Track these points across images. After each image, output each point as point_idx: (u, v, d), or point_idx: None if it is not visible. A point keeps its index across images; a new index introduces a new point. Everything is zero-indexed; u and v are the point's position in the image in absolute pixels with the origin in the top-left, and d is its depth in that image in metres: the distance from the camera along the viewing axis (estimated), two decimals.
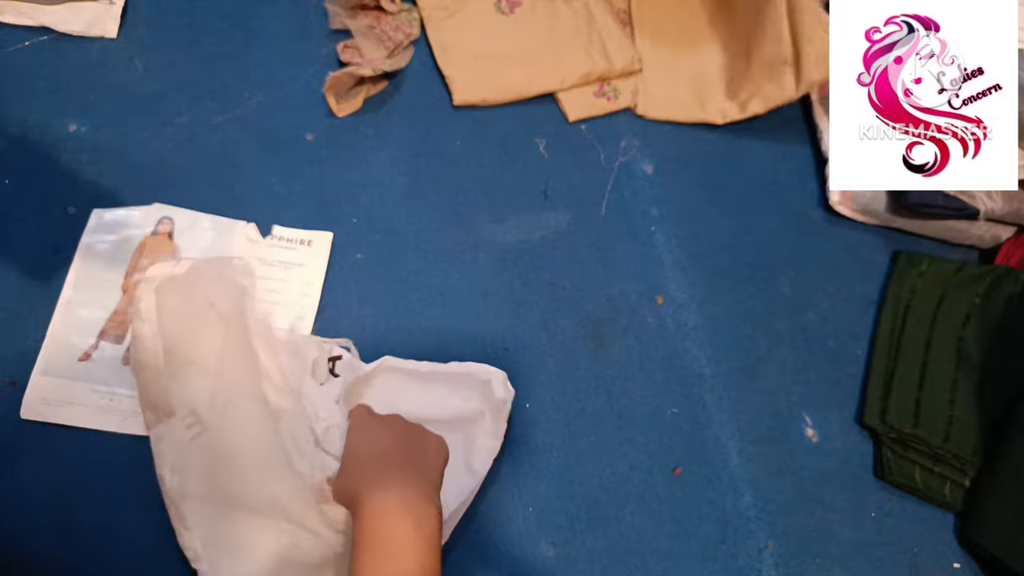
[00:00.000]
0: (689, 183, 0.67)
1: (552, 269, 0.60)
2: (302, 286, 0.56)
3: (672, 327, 0.60)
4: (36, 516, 0.46)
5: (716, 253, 0.64)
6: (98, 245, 0.54)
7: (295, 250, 0.57)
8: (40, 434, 0.48)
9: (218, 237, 0.56)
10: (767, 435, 0.57)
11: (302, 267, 0.56)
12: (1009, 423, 0.56)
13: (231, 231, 0.56)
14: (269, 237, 0.57)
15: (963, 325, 0.61)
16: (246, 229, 0.56)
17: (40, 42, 0.59)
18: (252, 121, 0.59)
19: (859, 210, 0.67)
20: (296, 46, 0.64)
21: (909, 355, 0.60)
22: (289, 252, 0.57)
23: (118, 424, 0.49)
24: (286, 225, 0.57)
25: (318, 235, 0.58)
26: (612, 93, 0.69)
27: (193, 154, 0.57)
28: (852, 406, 0.59)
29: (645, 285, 0.61)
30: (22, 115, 0.55)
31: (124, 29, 0.61)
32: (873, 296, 0.65)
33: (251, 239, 0.56)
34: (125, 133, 0.57)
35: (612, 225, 0.63)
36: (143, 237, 0.55)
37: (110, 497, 0.47)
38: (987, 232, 0.67)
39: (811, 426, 0.58)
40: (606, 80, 0.69)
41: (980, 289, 0.62)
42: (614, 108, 0.68)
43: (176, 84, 0.60)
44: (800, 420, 0.58)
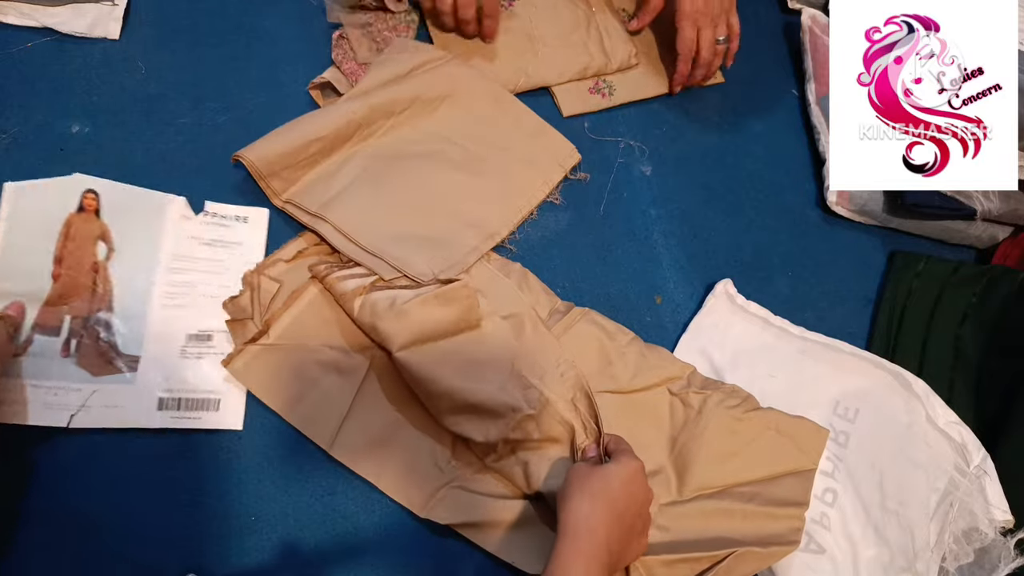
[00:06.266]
0: (687, 184, 0.67)
1: (551, 269, 0.60)
2: (244, 266, 0.53)
3: (671, 327, 0.60)
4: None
5: (714, 253, 0.65)
6: (17, 228, 0.50)
7: (230, 227, 0.54)
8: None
9: (149, 214, 0.53)
10: None
11: (241, 246, 0.54)
12: (1006, 422, 0.56)
13: (163, 208, 0.53)
14: (203, 214, 0.54)
15: (960, 324, 0.62)
16: (178, 205, 0.54)
17: (43, 43, 0.59)
18: (255, 122, 0.59)
19: (856, 210, 0.67)
20: (298, 47, 0.64)
21: (906, 354, 0.61)
22: (225, 230, 0.54)
23: (67, 419, 0.46)
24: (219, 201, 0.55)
25: (254, 211, 0.55)
26: (607, 90, 0.69)
27: (196, 155, 0.57)
28: None
29: (644, 285, 0.62)
30: (25, 116, 0.56)
31: (126, 30, 0.61)
32: (870, 296, 0.65)
33: (184, 216, 0.53)
34: (128, 134, 0.57)
35: (611, 225, 0.64)
36: (67, 215, 0.51)
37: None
38: (984, 232, 0.67)
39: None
40: (602, 76, 0.69)
41: (977, 289, 0.63)
42: (609, 104, 0.68)
43: (179, 85, 0.60)
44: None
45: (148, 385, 0.49)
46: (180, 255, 0.53)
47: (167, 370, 0.49)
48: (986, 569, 0.50)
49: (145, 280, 0.51)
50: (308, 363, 0.51)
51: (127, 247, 0.52)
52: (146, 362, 0.49)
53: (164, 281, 0.52)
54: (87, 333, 0.49)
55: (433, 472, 0.50)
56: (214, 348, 0.51)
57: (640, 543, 0.46)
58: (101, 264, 0.51)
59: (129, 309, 0.50)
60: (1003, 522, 0.51)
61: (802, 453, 0.52)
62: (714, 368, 0.58)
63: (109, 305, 0.50)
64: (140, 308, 0.50)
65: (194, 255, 0.53)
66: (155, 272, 0.52)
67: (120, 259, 0.51)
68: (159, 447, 0.48)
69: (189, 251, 0.53)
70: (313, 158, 0.57)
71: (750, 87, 0.74)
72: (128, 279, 0.51)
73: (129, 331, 0.50)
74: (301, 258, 0.55)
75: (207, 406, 0.49)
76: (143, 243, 0.52)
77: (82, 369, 0.48)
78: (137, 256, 0.52)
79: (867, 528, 0.52)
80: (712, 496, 0.50)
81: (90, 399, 0.47)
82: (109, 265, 0.51)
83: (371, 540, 0.49)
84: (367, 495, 0.50)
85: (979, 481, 0.52)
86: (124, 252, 0.52)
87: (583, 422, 0.51)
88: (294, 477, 0.49)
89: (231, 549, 0.47)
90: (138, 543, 0.46)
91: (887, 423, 0.55)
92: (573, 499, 0.42)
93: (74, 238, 0.51)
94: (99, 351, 0.49)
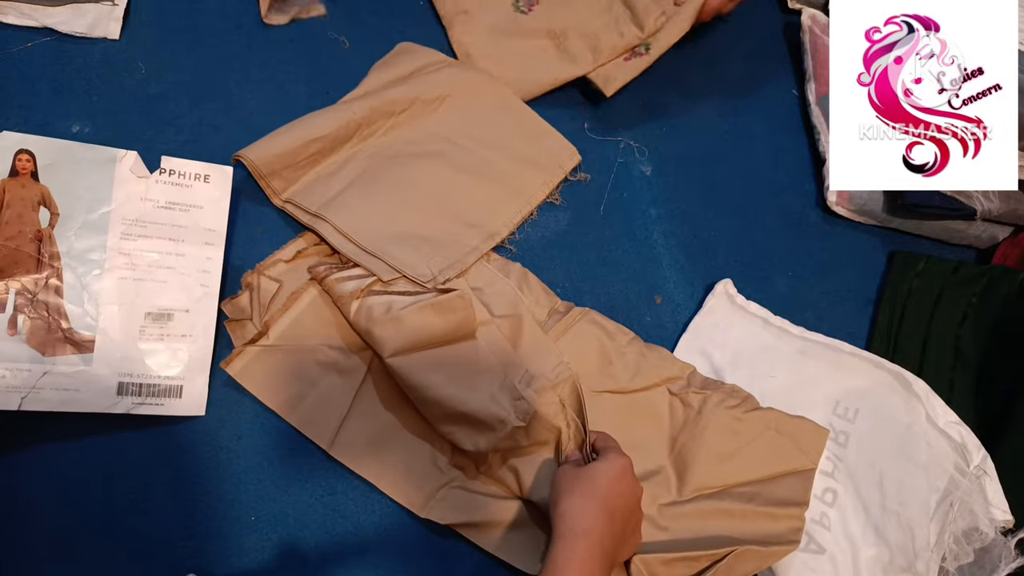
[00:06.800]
0: (687, 184, 0.67)
1: (551, 269, 0.60)
2: (206, 232, 0.49)
3: (670, 327, 0.60)
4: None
5: (714, 253, 0.65)
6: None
7: (190, 187, 0.49)
8: None
9: (95, 173, 0.47)
10: None
11: (202, 209, 0.49)
12: (1006, 422, 0.56)
13: (111, 165, 0.47)
14: (158, 172, 0.49)
15: (960, 324, 0.62)
16: (129, 160, 0.48)
17: (43, 43, 0.59)
18: (255, 122, 0.59)
19: (856, 210, 0.67)
20: (298, 47, 0.65)
21: (906, 354, 0.61)
22: (184, 191, 0.49)
23: (18, 401, 0.44)
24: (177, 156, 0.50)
25: (216, 169, 0.50)
26: (643, 49, 0.67)
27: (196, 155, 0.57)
28: None
29: (644, 285, 0.62)
30: (25, 116, 0.56)
31: (126, 30, 0.61)
32: (870, 296, 0.65)
33: (137, 174, 0.48)
34: (128, 134, 0.57)
35: (611, 225, 0.64)
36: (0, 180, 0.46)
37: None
38: (984, 232, 0.67)
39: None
40: (635, 46, 0.68)
41: (977, 289, 0.63)
42: (648, 63, 0.66)
43: (178, 85, 0.60)
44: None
45: (106, 369, 0.46)
46: (134, 220, 0.48)
47: (125, 352, 0.47)
48: (986, 569, 0.50)
49: (97, 249, 0.47)
50: (308, 364, 0.51)
51: (73, 211, 0.47)
52: (102, 343, 0.46)
53: (117, 249, 0.47)
54: (35, 309, 0.45)
55: (433, 472, 0.50)
56: (175, 329, 0.48)
57: (634, 539, 0.46)
58: (45, 232, 0.46)
59: (80, 282, 0.46)
60: (1003, 522, 0.51)
61: (802, 453, 0.52)
62: (714, 368, 0.58)
63: (59, 277, 0.46)
64: (93, 281, 0.47)
65: (150, 219, 0.48)
66: (106, 239, 0.47)
67: (66, 225, 0.47)
68: (159, 447, 0.48)
69: (144, 215, 0.48)
70: (313, 158, 0.57)
71: (750, 87, 0.74)
72: (77, 248, 0.47)
73: (82, 307, 0.46)
74: (301, 258, 0.55)
75: (170, 392, 0.48)
76: (91, 206, 0.47)
77: (32, 348, 0.45)
78: (85, 221, 0.47)
79: (867, 528, 0.52)
80: (712, 496, 0.50)
81: (40, 380, 0.44)
82: (54, 232, 0.46)
83: (371, 540, 0.49)
84: (367, 495, 0.50)
85: (979, 481, 0.52)
86: (70, 217, 0.47)
87: (568, 421, 0.50)
88: (294, 477, 0.49)
89: (231, 549, 0.47)
90: (138, 543, 0.46)
91: (887, 423, 0.55)
92: (563, 501, 0.43)
93: (10, 205, 0.46)
94: (49, 328, 0.45)
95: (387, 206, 0.56)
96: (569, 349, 0.54)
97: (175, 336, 0.48)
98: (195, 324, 0.49)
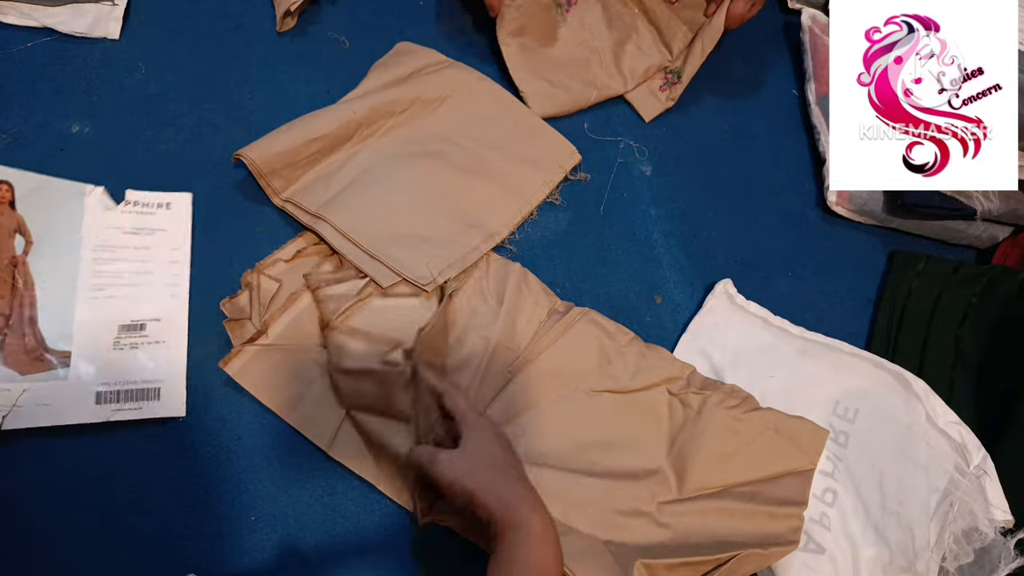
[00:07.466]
0: (687, 184, 0.67)
1: (551, 269, 0.60)
2: (170, 252, 0.52)
3: (671, 327, 0.60)
4: None
5: (714, 253, 0.65)
6: None
7: (153, 214, 0.53)
8: None
9: (67, 204, 0.51)
10: None
11: (165, 232, 0.53)
12: (1006, 422, 0.56)
13: (81, 198, 0.51)
14: (123, 203, 0.53)
15: (960, 324, 0.62)
16: (97, 195, 0.52)
17: (43, 43, 0.59)
18: (255, 122, 0.59)
19: (856, 210, 0.67)
20: (298, 47, 0.65)
21: (906, 354, 0.61)
22: (148, 217, 0.53)
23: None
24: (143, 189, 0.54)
25: (176, 197, 0.54)
26: (674, 76, 0.70)
27: (196, 155, 0.57)
28: None
29: (644, 285, 0.62)
30: (25, 116, 0.56)
31: (126, 30, 0.61)
32: (870, 296, 0.65)
33: (104, 205, 0.52)
34: (128, 134, 0.57)
35: (611, 225, 0.64)
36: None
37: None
38: (984, 232, 0.67)
39: None
40: (666, 68, 0.70)
41: (977, 289, 0.63)
42: (681, 91, 0.69)
43: (179, 85, 0.60)
44: None
45: (83, 380, 0.47)
46: (103, 245, 0.51)
47: (101, 363, 0.48)
48: (986, 569, 0.50)
49: (69, 272, 0.50)
50: (307, 363, 0.51)
51: (46, 239, 0.50)
52: (78, 357, 0.48)
53: (89, 272, 0.50)
54: (11, 331, 0.47)
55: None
56: (148, 337, 0.50)
57: (517, 469, 0.45)
58: (20, 259, 0.49)
59: (55, 303, 0.49)
60: (1003, 522, 0.51)
61: (801, 453, 0.52)
62: (714, 368, 0.58)
63: (32, 300, 0.48)
64: (66, 301, 0.49)
65: (118, 244, 0.51)
66: (79, 263, 0.50)
67: (40, 252, 0.49)
68: (159, 447, 0.48)
69: (112, 240, 0.51)
70: (313, 157, 0.57)
71: (750, 87, 0.74)
72: (50, 272, 0.49)
73: (56, 326, 0.48)
74: (300, 258, 0.55)
75: (147, 396, 0.48)
76: (63, 234, 0.50)
77: (9, 369, 0.46)
78: (58, 248, 0.50)
79: (867, 528, 0.52)
80: (711, 496, 0.50)
81: (20, 398, 0.46)
82: (28, 259, 0.49)
83: (371, 540, 0.49)
84: (367, 495, 0.50)
85: (979, 481, 0.52)
86: (44, 244, 0.50)
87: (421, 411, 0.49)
88: (294, 477, 0.49)
89: (231, 549, 0.47)
90: (138, 543, 0.46)
91: (887, 423, 0.55)
92: (480, 496, 0.41)
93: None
94: (26, 349, 0.47)
95: (387, 206, 0.56)
96: (569, 349, 0.54)
97: (149, 343, 0.50)
98: (168, 330, 0.51)
